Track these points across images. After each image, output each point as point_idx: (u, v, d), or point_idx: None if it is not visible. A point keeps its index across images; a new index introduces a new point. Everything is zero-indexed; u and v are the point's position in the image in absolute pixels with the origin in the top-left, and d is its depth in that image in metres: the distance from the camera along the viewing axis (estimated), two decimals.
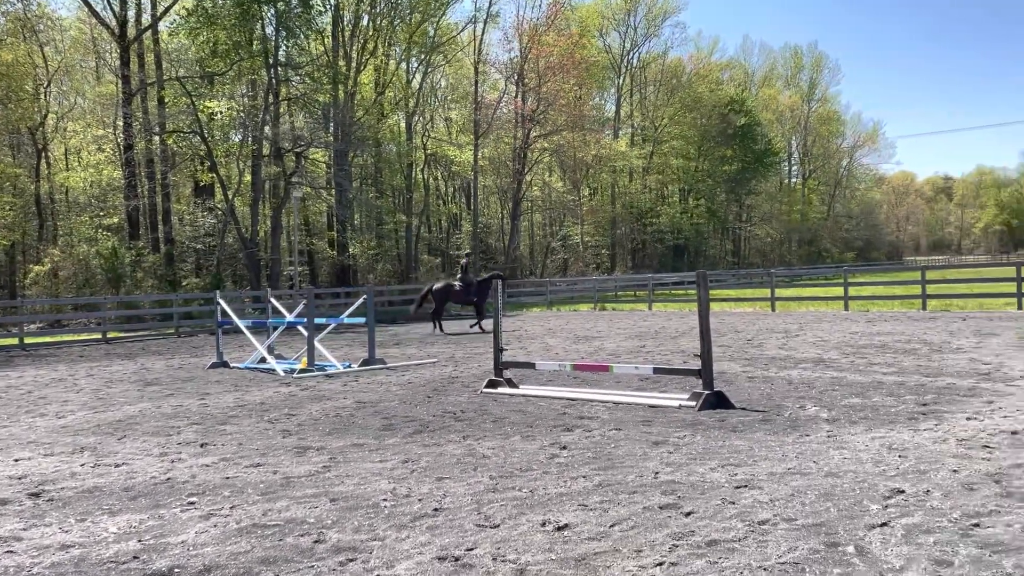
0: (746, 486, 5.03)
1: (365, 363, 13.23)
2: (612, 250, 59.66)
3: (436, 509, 4.81)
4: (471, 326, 21.44)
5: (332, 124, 37.89)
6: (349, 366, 13.12)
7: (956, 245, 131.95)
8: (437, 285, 21.50)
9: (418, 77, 45.90)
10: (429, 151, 47.10)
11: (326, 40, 39.68)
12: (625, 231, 60.51)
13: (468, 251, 28.81)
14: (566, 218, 56.02)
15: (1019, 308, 20.18)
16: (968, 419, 6.92)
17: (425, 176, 48.24)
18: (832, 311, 23.37)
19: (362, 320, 14.15)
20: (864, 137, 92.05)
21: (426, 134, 48.00)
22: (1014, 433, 6.27)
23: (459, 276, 21.84)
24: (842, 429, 6.72)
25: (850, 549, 3.82)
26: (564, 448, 6.40)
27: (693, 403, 7.96)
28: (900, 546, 3.84)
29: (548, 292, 35.74)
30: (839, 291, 24.96)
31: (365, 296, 13.99)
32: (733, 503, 4.67)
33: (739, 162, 67.41)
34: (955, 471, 5.19)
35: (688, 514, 4.50)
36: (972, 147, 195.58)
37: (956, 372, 9.79)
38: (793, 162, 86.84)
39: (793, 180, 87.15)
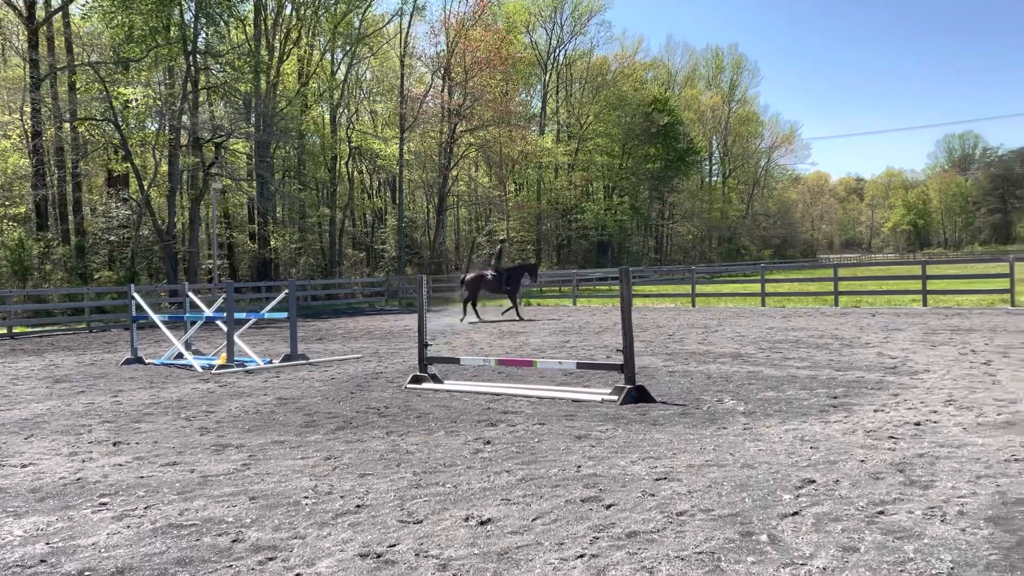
0: (666, 478, 5.14)
1: (287, 359, 12.98)
2: (537, 245, 60.07)
3: (359, 506, 4.75)
4: (503, 312, 22.29)
5: (254, 114, 36.97)
6: (270, 362, 12.85)
7: (867, 244, 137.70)
8: (469, 275, 21.97)
9: (343, 69, 45.21)
10: (354, 144, 46.46)
11: (248, 28, 38.70)
12: (551, 227, 61.03)
13: (503, 239, 28.78)
14: (492, 213, 56.13)
15: (924, 305, 21.19)
16: (875, 411, 7.23)
17: (350, 169, 47.57)
18: (750, 307, 24.08)
19: (284, 315, 13.87)
20: (781, 138, 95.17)
21: (351, 127, 47.32)
22: (917, 424, 6.58)
23: (492, 265, 22.04)
24: (758, 422, 6.94)
25: (763, 538, 3.95)
26: (488, 443, 6.42)
27: (615, 397, 8.09)
28: (810, 534, 3.99)
29: None
30: (757, 288, 25.74)
31: (287, 290, 13.72)
32: (653, 495, 4.77)
33: (662, 160, 68.79)
34: (862, 461, 5.42)
35: (609, 506, 4.57)
36: (882, 149, 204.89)
37: (865, 366, 10.22)
38: (714, 161, 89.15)
39: (714, 179, 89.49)
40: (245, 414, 8.25)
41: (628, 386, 8.09)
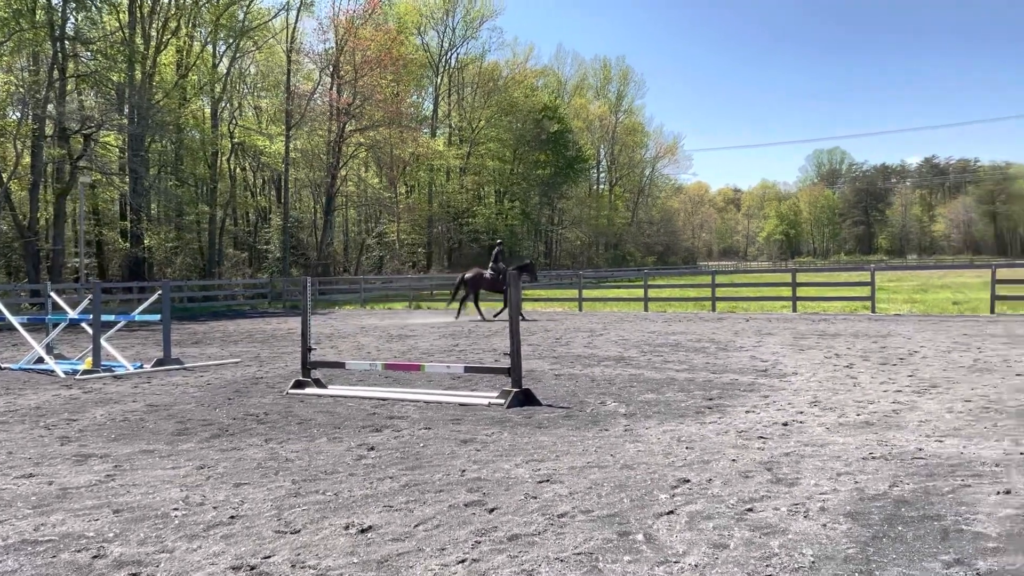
0: (548, 480, 5.19)
1: (159, 363, 12.36)
2: (428, 248, 59.78)
3: (232, 517, 4.57)
4: (495, 315, 22.34)
5: (127, 106, 35.10)
6: (141, 367, 12.21)
7: (743, 252, 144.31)
8: (468, 274, 22.29)
9: (225, 62, 43.55)
10: (236, 140, 44.84)
11: (122, 15, 36.70)
12: (442, 230, 60.84)
13: (500, 240, 28.44)
14: (382, 215, 55.43)
15: (794, 310, 22.36)
16: (747, 412, 7.56)
17: (232, 166, 45.87)
18: (634, 311, 24.76)
19: (157, 317, 13.21)
20: (665, 149, 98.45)
21: (233, 122, 45.63)
22: (785, 425, 6.92)
23: (491, 265, 22.32)
24: (638, 423, 7.12)
25: (640, 537, 4.05)
26: (372, 449, 6.31)
27: (502, 401, 8.12)
28: (684, 532, 4.12)
29: (362, 290, 35.21)
30: (640, 293, 26.50)
31: (160, 291, 13.08)
32: (535, 497, 4.81)
33: (552, 167, 69.85)
34: (734, 460, 5.65)
35: (492, 510, 4.57)
36: (758, 162, 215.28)
37: (739, 369, 10.68)
38: (601, 169, 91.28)
39: (601, 186, 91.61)
40: (111, 422, 7.79)
41: (515, 390, 8.14)
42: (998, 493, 4.67)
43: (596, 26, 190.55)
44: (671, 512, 4.45)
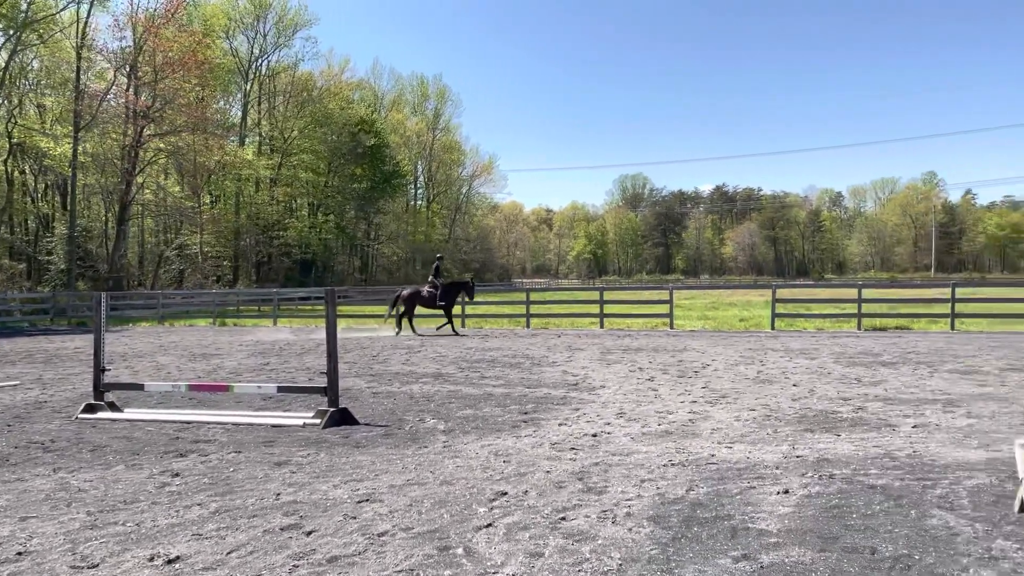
0: (368, 500, 5.16)
1: None
2: (235, 262, 57.11)
3: (20, 553, 4.16)
4: (437, 328, 22.27)
5: None
6: None
7: (555, 270, 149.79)
8: (406, 291, 22.07)
9: (4, 54, 39.50)
10: (15, 140, 40.70)
11: None
12: (250, 243, 58.36)
13: (439, 254, 26.48)
14: (184, 226, 52.31)
15: (601, 327, 23.52)
16: (560, 425, 7.88)
17: (9, 168, 41.55)
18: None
19: None
20: (481, 168, 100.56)
21: (12, 120, 41.41)
22: (594, 436, 7.29)
23: (430, 280, 22.08)
24: (457, 439, 7.23)
25: (460, 551, 4.13)
26: (176, 475, 5.96)
27: (318, 421, 7.94)
28: (502, 543, 4.25)
29: (160, 305, 32.94)
30: (458, 309, 26.80)
31: None
32: (355, 518, 4.76)
33: (368, 181, 69.21)
34: (548, 472, 5.89)
35: (310, 533, 4.48)
36: (569, 185, 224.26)
37: (552, 383, 11.10)
38: (419, 185, 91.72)
39: (419, 202, 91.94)
40: None
41: (331, 409, 7.99)
42: (778, 493, 5.19)
43: (414, 44, 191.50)
44: (490, 525, 4.57)
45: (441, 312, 22.04)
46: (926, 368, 12.16)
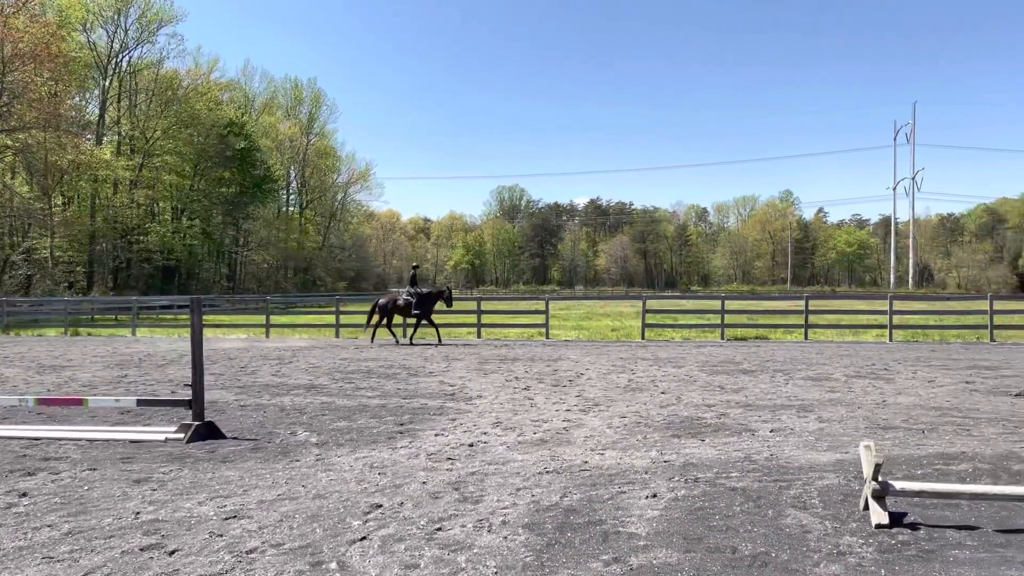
0: (235, 516, 4.97)
1: None
2: (90, 268, 53.68)
3: None
4: (408, 338, 21.99)
5: None
6: None
7: (432, 280, 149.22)
8: (383, 300, 21.99)
9: None
10: None
11: None
12: (107, 248, 55.03)
13: (415, 264, 24.88)
14: (32, 228, 48.69)
15: (479, 336, 23.64)
16: (436, 435, 7.86)
17: None
18: (325, 338, 24.43)
19: None
20: (357, 175, 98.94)
21: None
22: (471, 445, 7.31)
23: (407, 289, 21.93)
24: (330, 452, 7.07)
25: (333, 565, 4.04)
26: (24, 495, 5.54)
27: (181, 435, 7.58)
28: (377, 556, 4.19)
29: (4, 314, 30.52)
30: (332, 319, 26.25)
31: None
32: (221, 535, 4.57)
33: (238, 185, 66.81)
34: (424, 483, 5.85)
35: (173, 552, 4.27)
36: (447, 194, 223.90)
37: (429, 394, 11.05)
38: (292, 191, 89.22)
39: (291, 208, 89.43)
40: None
41: (196, 423, 7.64)
42: (647, 497, 5.38)
43: (288, 45, 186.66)
44: (364, 538, 4.50)
45: (414, 320, 22.03)
46: (782, 376, 12.92)
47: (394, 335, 22.30)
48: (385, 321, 21.72)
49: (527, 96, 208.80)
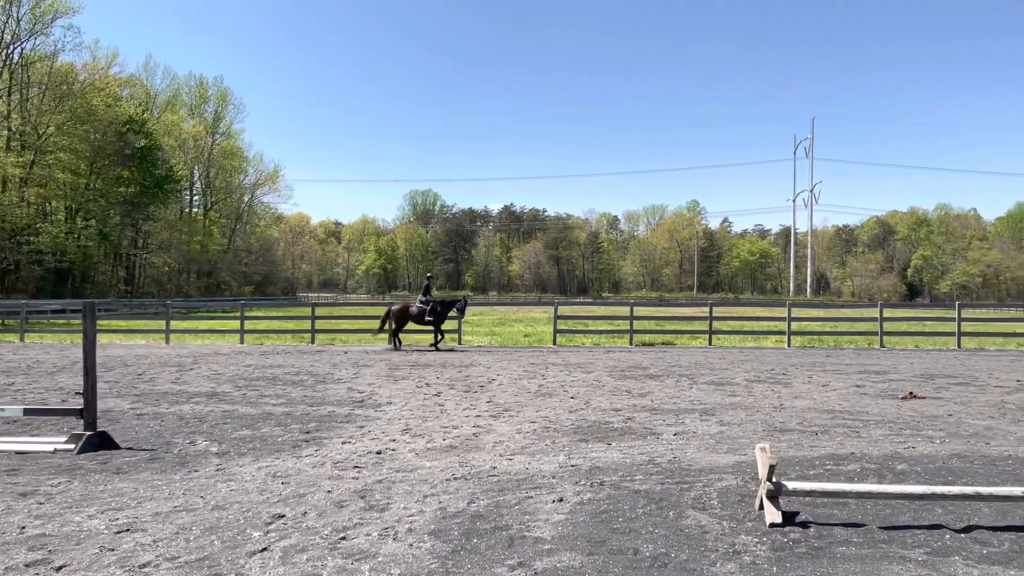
0: (128, 530, 4.77)
1: None
2: None
3: None
4: (430, 345, 21.48)
5: None
6: None
7: (343, 284, 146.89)
8: (395, 307, 21.79)
9: None
10: None
11: None
12: None
13: (429, 273, 23.45)
14: None
15: (389, 343, 23.39)
16: (343, 443, 7.73)
17: None
18: (229, 344, 23.72)
19: None
20: (266, 176, 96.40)
21: None
22: (379, 453, 7.23)
23: (420, 297, 21.76)
24: (231, 462, 6.87)
25: None
26: None
27: (72, 446, 7.22)
28: (277, 567, 4.09)
29: None
30: (236, 324, 25.50)
31: None
32: (113, 549, 4.38)
33: (137, 185, 64.20)
34: (329, 492, 5.75)
35: (60, 568, 4.07)
36: (359, 198, 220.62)
37: (337, 401, 10.86)
38: (195, 192, 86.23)
39: (195, 210, 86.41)
40: None
41: (88, 432, 7.30)
42: (553, 501, 5.44)
43: (193, 42, 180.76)
44: (264, 549, 4.39)
45: (431, 328, 21.68)
46: (687, 380, 13.29)
47: (399, 344, 21.76)
48: (394, 327, 21.36)
49: (441, 102, 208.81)
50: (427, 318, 21.26)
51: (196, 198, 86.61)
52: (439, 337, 21.53)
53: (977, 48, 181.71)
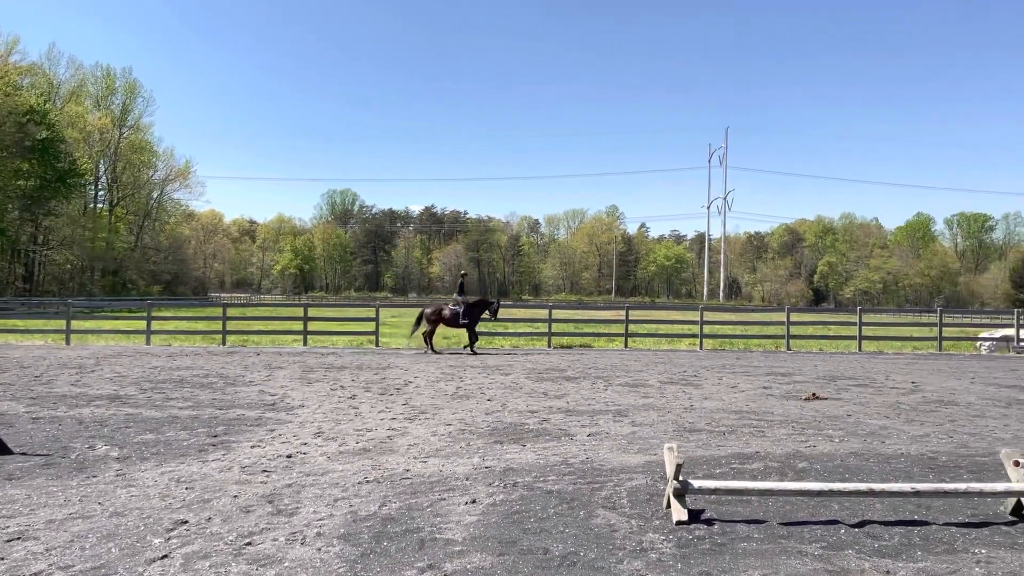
0: (19, 538, 4.54)
1: None
2: None
3: None
4: (463, 347, 21.16)
5: None
6: None
7: (257, 284, 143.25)
8: (428, 309, 21.36)
9: None
10: None
11: None
12: None
13: (464, 272, 23.31)
14: None
15: (304, 344, 22.96)
16: (253, 447, 7.55)
17: None
18: (134, 345, 22.83)
19: None
20: (176, 172, 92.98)
21: None
22: (289, 457, 7.09)
23: (455, 297, 21.26)
24: (133, 467, 6.62)
25: None
26: None
27: None
28: (178, 575, 3.96)
29: None
30: (143, 324, 24.57)
31: None
32: (2, 559, 4.16)
33: (38, 178, 61.11)
34: (236, 496, 5.61)
35: None
36: (275, 196, 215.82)
37: (247, 404, 10.59)
38: (101, 187, 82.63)
39: (100, 205, 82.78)
40: None
41: None
42: (466, 503, 5.44)
43: (100, 32, 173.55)
44: (165, 556, 4.25)
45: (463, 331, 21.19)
46: (602, 382, 13.50)
47: (433, 348, 21.03)
48: (428, 330, 20.75)
49: (360, 103, 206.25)
50: (462, 321, 20.81)
51: (101, 193, 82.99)
52: (474, 339, 21.14)
53: (875, 65, 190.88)
